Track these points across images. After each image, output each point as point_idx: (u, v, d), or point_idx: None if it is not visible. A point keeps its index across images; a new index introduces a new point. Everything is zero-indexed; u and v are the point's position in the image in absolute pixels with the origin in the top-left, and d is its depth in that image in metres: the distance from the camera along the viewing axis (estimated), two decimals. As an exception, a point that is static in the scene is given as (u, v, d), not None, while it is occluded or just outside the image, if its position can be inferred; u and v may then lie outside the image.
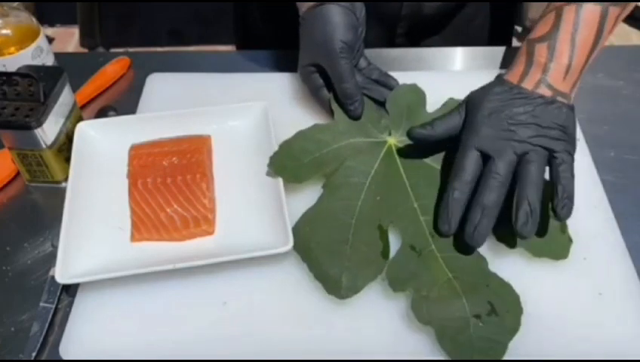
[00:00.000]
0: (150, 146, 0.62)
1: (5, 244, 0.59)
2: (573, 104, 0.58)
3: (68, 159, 0.61)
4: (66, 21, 2.13)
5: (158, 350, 0.50)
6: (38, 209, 0.63)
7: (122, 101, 0.73)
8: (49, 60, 0.68)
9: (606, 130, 0.68)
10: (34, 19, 0.66)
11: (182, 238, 0.56)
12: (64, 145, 0.62)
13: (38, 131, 0.58)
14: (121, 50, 1.52)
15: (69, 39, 2.13)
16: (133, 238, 0.56)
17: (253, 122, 0.64)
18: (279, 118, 0.64)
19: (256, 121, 0.64)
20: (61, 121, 0.62)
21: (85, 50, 2.05)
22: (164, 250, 0.55)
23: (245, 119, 0.65)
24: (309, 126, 0.63)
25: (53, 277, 0.53)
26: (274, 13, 0.86)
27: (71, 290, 0.54)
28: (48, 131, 0.59)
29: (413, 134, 0.58)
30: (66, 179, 0.59)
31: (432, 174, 0.59)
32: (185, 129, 0.64)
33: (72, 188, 0.57)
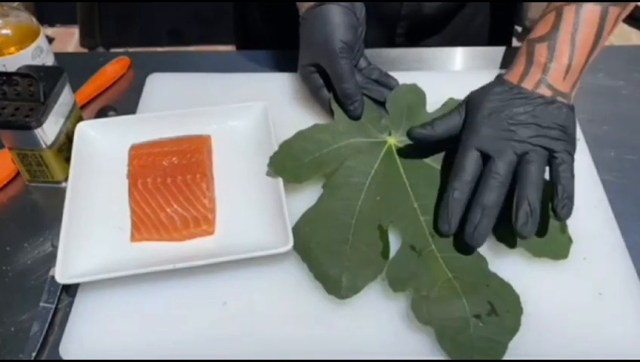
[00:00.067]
0: (150, 146, 0.62)
1: (5, 244, 0.59)
2: (573, 104, 0.58)
3: (68, 159, 0.61)
4: (66, 21, 2.13)
5: (158, 350, 0.50)
6: (38, 209, 0.63)
7: (122, 101, 0.73)
8: (49, 60, 0.68)
9: (606, 130, 0.68)
10: (34, 19, 0.66)
11: (182, 238, 0.56)
12: (64, 145, 0.62)
13: (38, 131, 0.58)
14: (121, 50, 1.52)
15: (69, 39, 2.13)
16: (133, 238, 0.56)
17: (253, 122, 0.64)
18: (279, 118, 0.64)
19: (256, 121, 0.64)
20: (61, 121, 0.62)
21: (85, 50, 2.05)
22: (164, 250, 0.55)
23: (245, 119, 0.65)
24: (309, 126, 0.63)
25: (53, 277, 0.53)
26: (274, 13, 0.86)
27: (71, 290, 0.54)
28: (48, 131, 0.59)
29: (413, 134, 0.58)
30: (66, 179, 0.59)
31: (432, 174, 0.59)
32: (185, 129, 0.64)
33: (72, 188, 0.57)
